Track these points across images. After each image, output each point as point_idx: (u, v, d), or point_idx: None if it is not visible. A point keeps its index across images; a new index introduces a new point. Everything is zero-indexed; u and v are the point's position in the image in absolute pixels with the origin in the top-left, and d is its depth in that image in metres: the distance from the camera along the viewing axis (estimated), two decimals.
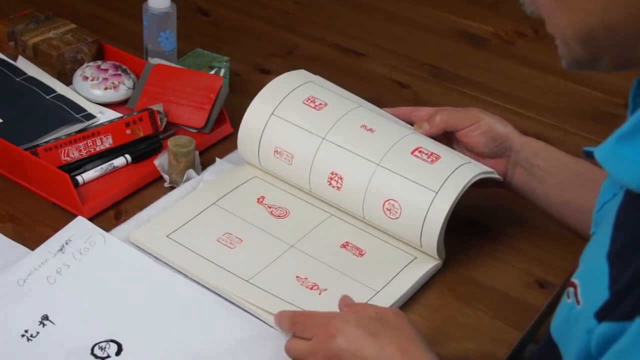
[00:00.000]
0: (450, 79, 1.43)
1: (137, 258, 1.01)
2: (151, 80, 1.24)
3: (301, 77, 1.13)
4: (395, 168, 1.02)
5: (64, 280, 0.98)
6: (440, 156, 1.02)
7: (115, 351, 0.91)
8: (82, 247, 1.02)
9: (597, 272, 0.71)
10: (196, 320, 0.95)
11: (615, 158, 0.71)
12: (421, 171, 1.01)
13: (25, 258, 1.00)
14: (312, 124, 1.07)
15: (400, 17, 1.60)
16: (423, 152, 1.03)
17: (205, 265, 1.00)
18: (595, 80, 1.45)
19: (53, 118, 1.18)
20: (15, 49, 1.30)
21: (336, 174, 1.04)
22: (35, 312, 0.94)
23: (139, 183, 1.13)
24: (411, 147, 1.03)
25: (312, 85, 1.12)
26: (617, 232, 0.72)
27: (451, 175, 1.00)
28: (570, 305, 0.74)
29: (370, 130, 1.05)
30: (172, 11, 1.30)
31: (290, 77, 1.13)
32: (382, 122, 1.07)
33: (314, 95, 1.10)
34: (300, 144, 1.07)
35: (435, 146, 1.04)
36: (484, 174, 1.03)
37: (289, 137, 1.07)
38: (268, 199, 1.10)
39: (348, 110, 1.08)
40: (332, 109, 1.08)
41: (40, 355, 0.90)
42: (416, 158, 1.02)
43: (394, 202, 1.01)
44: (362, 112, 1.08)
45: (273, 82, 1.12)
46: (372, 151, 1.03)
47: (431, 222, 0.99)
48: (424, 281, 1.02)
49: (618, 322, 0.67)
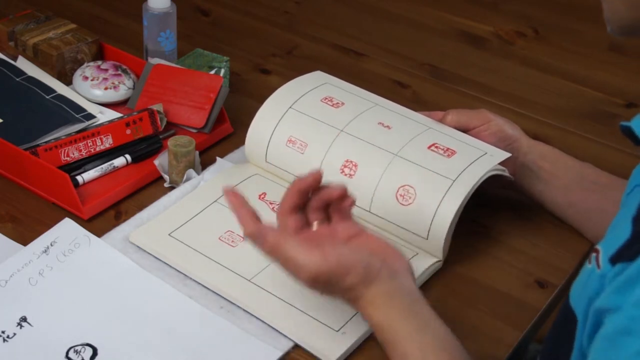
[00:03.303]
0: (450, 79, 1.43)
1: (122, 261, 1.01)
2: (151, 80, 1.24)
3: (318, 79, 1.16)
4: (413, 158, 1.04)
5: (46, 282, 0.98)
6: (456, 151, 1.05)
7: (90, 355, 0.90)
8: (66, 249, 1.01)
9: (620, 235, 0.71)
10: (176, 329, 0.94)
11: None
12: (438, 162, 1.03)
13: (10, 259, 0.99)
14: (330, 118, 1.09)
15: (400, 17, 1.60)
16: (439, 147, 1.05)
17: (206, 264, 1.00)
18: (595, 80, 1.45)
19: (53, 118, 1.18)
20: (15, 49, 1.30)
21: (351, 161, 1.06)
22: (14, 313, 0.94)
23: (139, 183, 1.13)
24: (428, 142, 1.06)
25: (329, 87, 1.15)
26: None
27: (468, 167, 1.02)
28: (590, 270, 0.74)
29: (388, 127, 1.08)
30: (172, 11, 1.30)
31: (307, 78, 1.16)
32: (400, 119, 1.10)
33: (331, 95, 1.13)
34: (316, 133, 1.09)
35: (452, 141, 1.07)
36: (498, 170, 1.05)
37: (305, 127, 1.10)
38: (269, 195, 1.10)
39: (366, 109, 1.11)
40: (350, 107, 1.11)
41: (15, 357, 0.90)
42: (433, 152, 1.05)
43: (410, 188, 1.02)
44: (379, 110, 1.11)
45: (290, 82, 1.15)
46: (389, 143, 1.06)
47: (444, 210, 1.00)
48: (423, 280, 1.02)
49: (627, 262, 0.68)
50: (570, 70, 1.47)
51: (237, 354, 0.92)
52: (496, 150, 1.07)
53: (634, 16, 0.73)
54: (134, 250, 1.03)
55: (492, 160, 1.05)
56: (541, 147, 1.11)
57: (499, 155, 1.06)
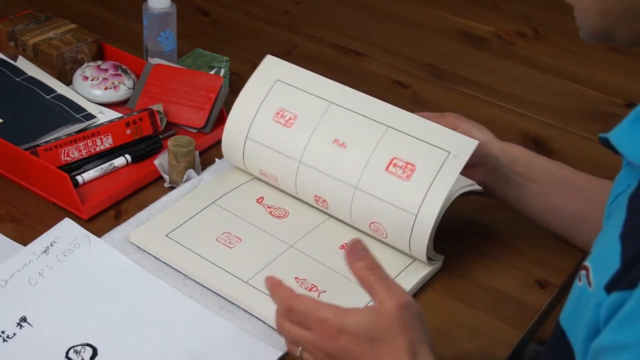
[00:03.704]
0: (450, 79, 1.43)
1: (121, 262, 1.01)
2: (151, 80, 1.24)
3: (269, 77, 1.09)
4: (373, 190, 1.00)
5: (46, 282, 0.98)
6: (416, 166, 0.99)
7: (90, 355, 0.90)
8: (66, 249, 1.01)
9: (609, 253, 0.70)
10: (176, 329, 0.94)
11: (631, 138, 0.71)
12: (398, 191, 0.99)
13: (10, 259, 0.99)
14: (286, 145, 1.05)
15: (400, 17, 1.60)
16: (398, 165, 1.00)
17: (204, 265, 1.00)
18: (595, 80, 1.45)
19: (53, 118, 1.18)
20: (15, 49, 1.30)
21: (319, 197, 1.05)
22: (14, 313, 0.94)
23: (139, 183, 1.13)
24: (386, 159, 1.00)
25: (280, 87, 1.08)
26: (631, 214, 0.72)
27: (428, 193, 0.97)
28: (581, 288, 0.73)
29: (343, 145, 1.03)
30: (172, 11, 1.30)
31: (258, 80, 1.09)
32: (355, 127, 1.04)
33: (282, 106, 1.07)
34: (280, 167, 1.07)
35: (412, 147, 1.00)
36: (463, 188, 1.02)
37: (268, 161, 1.07)
38: (267, 199, 1.10)
39: (318, 121, 1.05)
40: (302, 123, 1.05)
41: (15, 357, 0.90)
42: (391, 175, 1.00)
43: (379, 225, 1.01)
44: (333, 117, 1.05)
45: (244, 91, 1.09)
46: (347, 172, 1.02)
47: (417, 239, 0.98)
48: (423, 280, 1.02)
49: (625, 291, 0.67)
50: (570, 70, 1.47)
51: (237, 354, 0.92)
52: (461, 143, 0.98)
53: (605, 23, 0.74)
54: (133, 250, 1.03)
55: (458, 165, 0.97)
56: (513, 150, 1.04)
57: (463, 153, 0.98)
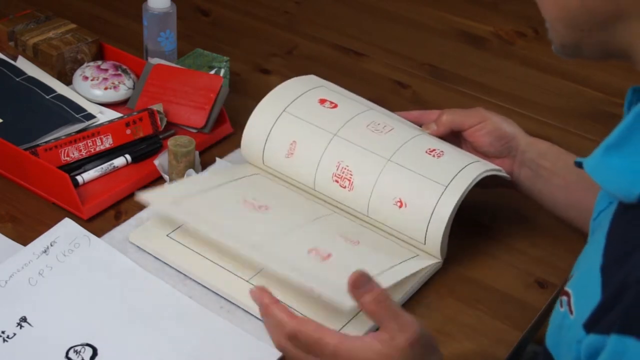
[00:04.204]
0: (450, 79, 1.43)
1: (121, 261, 1.01)
2: (151, 80, 1.24)
3: (312, 82, 1.16)
4: (406, 163, 1.03)
5: (46, 282, 0.98)
6: (448, 153, 1.04)
7: (90, 356, 0.90)
8: (66, 249, 1.01)
9: (590, 283, 0.70)
10: (176, 329, 0.94)
11: (603, 169, 0.71)
12: (431, 166, 1.03)
13: (10, 259, 0.99)
14: (324, 121, 1.09)
15: (400, 17, 1.60)
16: (433, 150, 1.05)
17: (204, 264, 1.00)
18: (595, 80, 1.45)
19: (53, 118, 1.18)
20: (15, 49, 1.30)
21: (345, 168, 1.05)
22: (14, 313, 0.94)
23: (139, 183, 1.13)
24: (420, 145, 1.06)
25: (324, 89, 1.14)
26: (610, 244, 0.71)
27: (461, 171, 1.02)
28: (563, 314, 0.74)
29: (380, 130, 1.08)
30: (172, 11, 1.30)
31: (301, 80, 1.16)
32: (393, 123, 1.09)
33: (325, 97, 1.12)
34: (310, 139, 1.08)
35: (445, 147, 1.06)
36: (492, 171, 1.04)
37: (299, 133, 1.09)
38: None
39: (359, 112, 1.10)
40: (344, 110, 1.10)
41: (15, 357, 0.90)
42: (426, 155, 1.04)
43: (403, 195, 1.02)
44: (372, 114, 1.11)
45: (283, 84, 1.14)
46: (382, 148, 1.05)
47: (438, 215, 1.00)
48: (423, 280, 1.02)
49: (602, 335, 0.67)
50: (570, 70, 1.47)
51: (236, 354, 0.92)
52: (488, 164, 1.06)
53: (574, 37, 0.74)
54: (133, 250, 1.03)
55: (485, 165, 1.04)
56: (540, 145, 1.08)
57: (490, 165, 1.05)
